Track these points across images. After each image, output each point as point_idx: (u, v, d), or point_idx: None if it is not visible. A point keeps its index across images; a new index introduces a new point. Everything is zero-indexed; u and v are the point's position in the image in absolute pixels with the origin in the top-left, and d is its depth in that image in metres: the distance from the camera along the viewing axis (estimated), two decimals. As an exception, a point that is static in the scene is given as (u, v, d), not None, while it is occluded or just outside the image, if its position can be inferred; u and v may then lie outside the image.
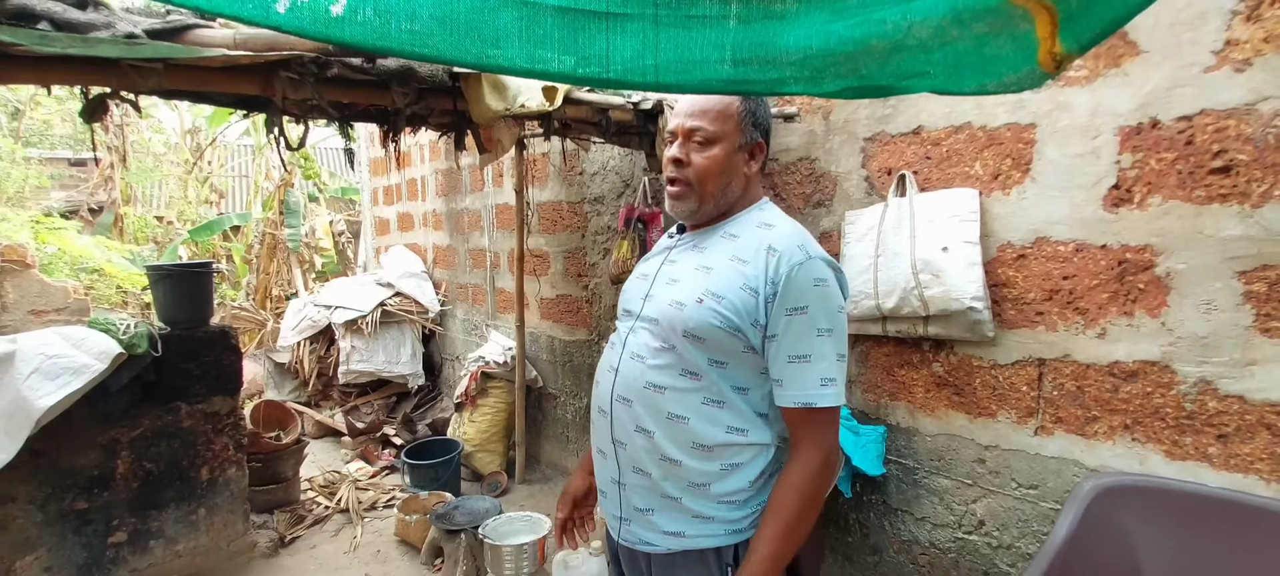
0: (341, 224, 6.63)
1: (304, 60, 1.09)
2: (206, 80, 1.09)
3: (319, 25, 0.75)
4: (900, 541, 1.86)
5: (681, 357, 0.99)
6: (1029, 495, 1.59)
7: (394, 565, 2.57)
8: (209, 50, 0.93)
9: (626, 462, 1.04)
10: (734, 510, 1.01)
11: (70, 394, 1.99)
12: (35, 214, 5.33)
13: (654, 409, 1.00)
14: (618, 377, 1.04)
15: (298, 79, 1.12)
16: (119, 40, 0.82)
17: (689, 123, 1.04)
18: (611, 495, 1.08)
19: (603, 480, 1.10)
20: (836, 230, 1.90)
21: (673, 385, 0.99)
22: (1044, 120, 1.49)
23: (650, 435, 1.00)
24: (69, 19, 0.81)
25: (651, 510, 1.03)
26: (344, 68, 1.17)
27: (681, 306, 0.99)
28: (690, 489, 1.00)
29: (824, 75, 0.89)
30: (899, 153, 1.76)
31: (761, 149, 1.07)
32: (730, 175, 1.04)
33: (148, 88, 1.02)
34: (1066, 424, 1.52)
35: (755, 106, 1.06)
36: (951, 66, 0.91)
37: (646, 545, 1.04)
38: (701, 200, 1.04)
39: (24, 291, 4.24)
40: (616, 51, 0.86)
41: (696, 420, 0.98)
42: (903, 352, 1.79)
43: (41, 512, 2.11)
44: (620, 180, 2.69)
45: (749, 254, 0.98)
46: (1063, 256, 1.49)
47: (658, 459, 1.00)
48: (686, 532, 1.01)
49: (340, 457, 3.68)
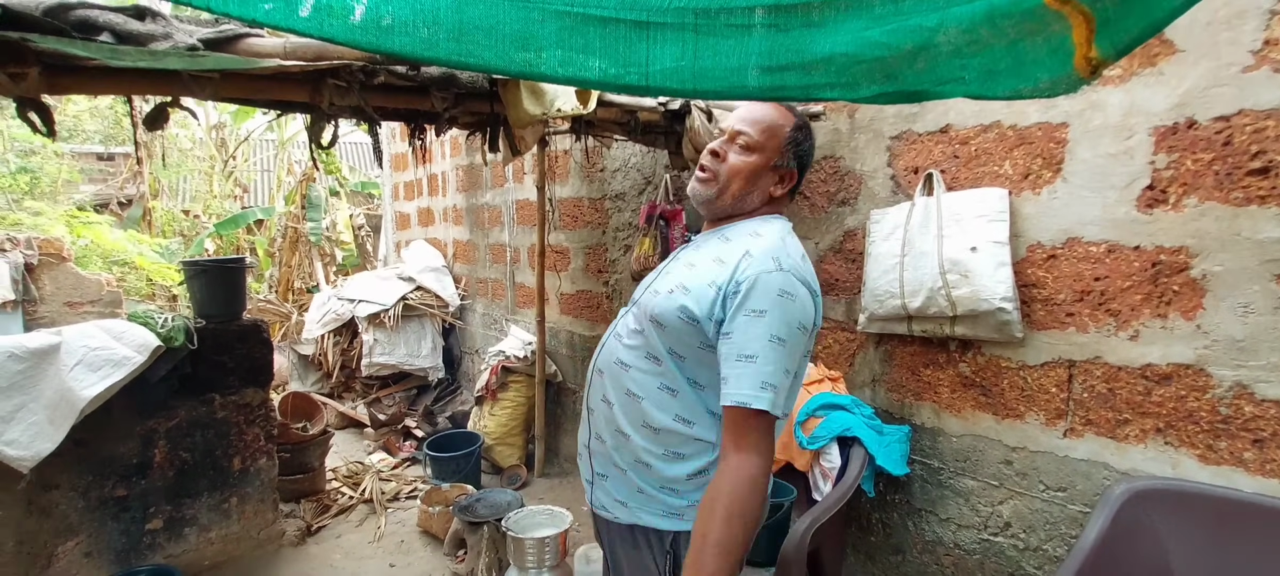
0: (361, 218, 6.73)
1: (352, 68, 1.13)
2: (258, 88, 1.13)
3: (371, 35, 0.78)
4: (924, 541, 1.86)
5: (648, 342, 1.05)
6: (1057, 497, 1.59)
7: (417, 555, 2.63)
8: (264, 61, 0.97)
9: (593, 427, 1.12)
10: (672, 498, 1.05)
11: (112, 385, 2.07)
12: (69, 208, 5.48)
13: (617, 383, 1.07)
14: (601, 351, 1.13)
15: (344, 86, 1.15)
16: (182, 52, 0.85)
17: (739, 126, 1.10)
18: (583, 457, 1.17)
19: (580, 442, 1.18)
20: (861, 228, 1.89)
21: (636, 365, 1.05)
22: (1076, 120, 1.48)
23: (610, 406, 1.08)
24: (130, 30, 0.84)
25: (606, 477, 1.10)
26: (390, 76, 1.20)
27: (656, 294, 1.06)
28: (635, 465, 1.06)
29: (859, 81, 0.90)
30: (926, 151, 1.74)
31: (792, 177, 1.11)
32: (754, 185, 1.08)
33: (205, 96, 1.06)
34: (1097, 426, 1.51)
35: (802, 139, 1.10)
36: (986, 71, 0.91)
37: (603, 509, 1.12)
38: (720, 193, 1.09)
39: (60, 283, 4.37)
40: (656, 59, 0.88)
41: (649, 402, 1.04)
42: (929, 352, 1.79)
43: (83, 499, 2.19)
44: (642, 177, 2.70)
45: (729, 255, 1.02)
46: (1095, 257, 1.47)
47: (613, 430, 1.07)
48: (629, 504, 1.07)
49: (363, 448, 3.76)
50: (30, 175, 5.19)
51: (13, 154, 5.14)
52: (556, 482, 3.26)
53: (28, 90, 0.95)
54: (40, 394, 1.98)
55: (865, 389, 1.96)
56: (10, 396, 1.92)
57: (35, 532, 2.08)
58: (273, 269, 6.10)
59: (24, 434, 1.93)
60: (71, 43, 0.82)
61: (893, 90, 0.91)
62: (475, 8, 0.83)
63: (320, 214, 5.88)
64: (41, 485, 2.07)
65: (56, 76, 0.97)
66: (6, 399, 1.91)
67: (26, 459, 1.91)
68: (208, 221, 6.37)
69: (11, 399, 1.92)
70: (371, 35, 0.79)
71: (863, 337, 1.95)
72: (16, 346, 1.95)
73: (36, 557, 2.09)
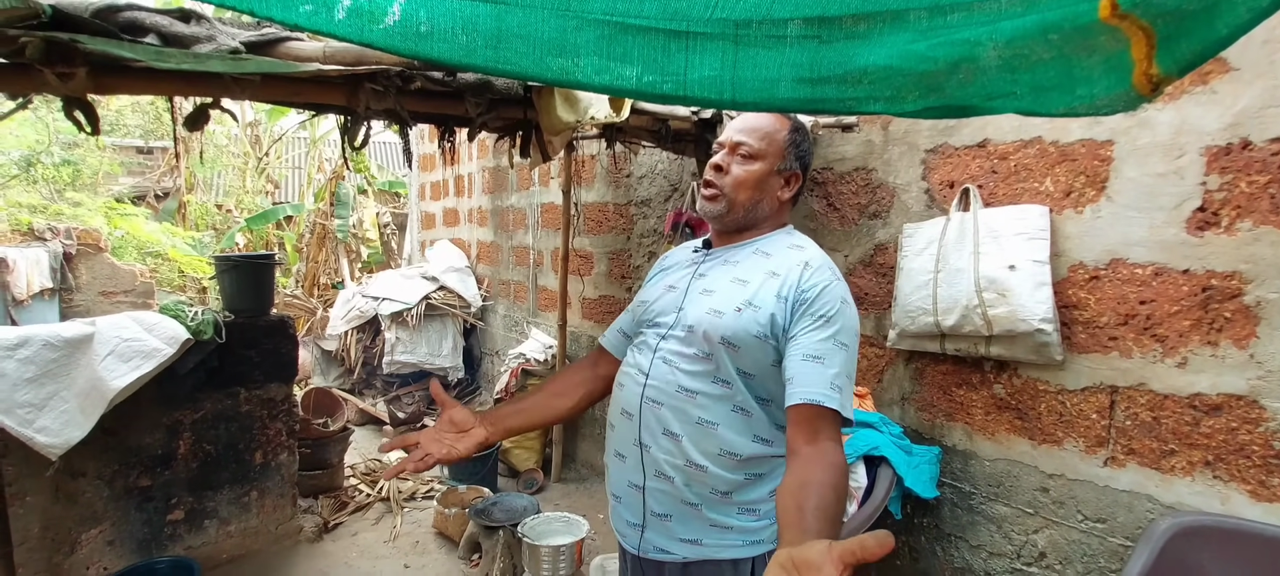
0: (387, 216, 6.83)
1: (389, 73, 1.13)
2: (298, 91, 1.14)
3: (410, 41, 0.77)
4: (953, 568, 1.80)
5: (717, 365, 1.00)
6: (1096, 528, 1.52)
7: (432, 557, 2.63)
8: (304, 65, 0.98)
9: (650, 465, 1.04)
10: (752, 520, 1.01)
11: (142, 376, 2.11)
12: (108, 199, 5.65)
13: (683, 414, 1.01)
14: (648, 380, 1.05)
15: (381, 90, 1.16)
16: (225, 56, 0.86)
17: (737, 137, 1.09)
18: (628, 499, 1.08)
19: (619, 485, 1.11)
20: (893, 242, 1.85)
21: (705, 391, 1.01)
22: (1123, 137, 1.42)
23: (678, 438, 1.01)
24: (175, 32, 0.86)
25: (670, 516, 1.03)
26: (426, 81, 1.21)
27: (720, 315, 1.01)
28: (712, 496, 1.01)
29: (905, 95, 0.87)
30: (963, 166, 1.70)
31: (797, 179, 1.11)
32: (763, 192, 1.08)
33: (245, 97, 1.07)
34: (1140, 456, 1.44)
35: (800, 139, 1.10)
36: (1039, 87, 0.87)
37: (663, 553, 1.05)
38: (731, 207, 1.08)
39: (96, 273, 4.51)
40: (694, 68, 0.86)
41: (725, 427, 1.00)
42: (961, 372, 1.73)
43: (108, 488, 2.23)
44: (668, 183, 2.69)
45: (782, 269, 1.02)
46: (1140, 280, 1.41)
47: (683, 463, 1.01)
48: (704, 541, 1.02)
49: (381, 446, 3.79)
50: (73, 167, 5.36)
51: (57, 145, 5.32)
52: (573, 488, 3.25)
53: (75, 90, 0.97)
54: (72, 382, 2.02)
55: (893, 407, 1.91)
56: (44, 384, 1.97)
57: (61, 519, 2.13)
58: (300, 264, 6.22)
59: (55, 421, 1.97)
60: (119, 44, 0.83)
61: (938, 105, 0.88)
62: (514, 15, 0.83)
63: (348, 211, 5.98)
64: (69, 472, 2.12)
65: (103, 77, 1.00)
66: (40, 386, 1.96)
67: (56, 446, 1.95)
68: (239, 216, 6.52)
69: (45, 387, 1.97)
70: (410, 41, 0.79)
71: (892, 354, 1.90)
72: (52, 335, 1.99)
73: (61, 543, 2.14)
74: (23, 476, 2.03)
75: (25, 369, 1.93)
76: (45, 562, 2.10)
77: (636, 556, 1.10)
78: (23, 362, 1.92)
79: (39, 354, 1.96)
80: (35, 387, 1.95)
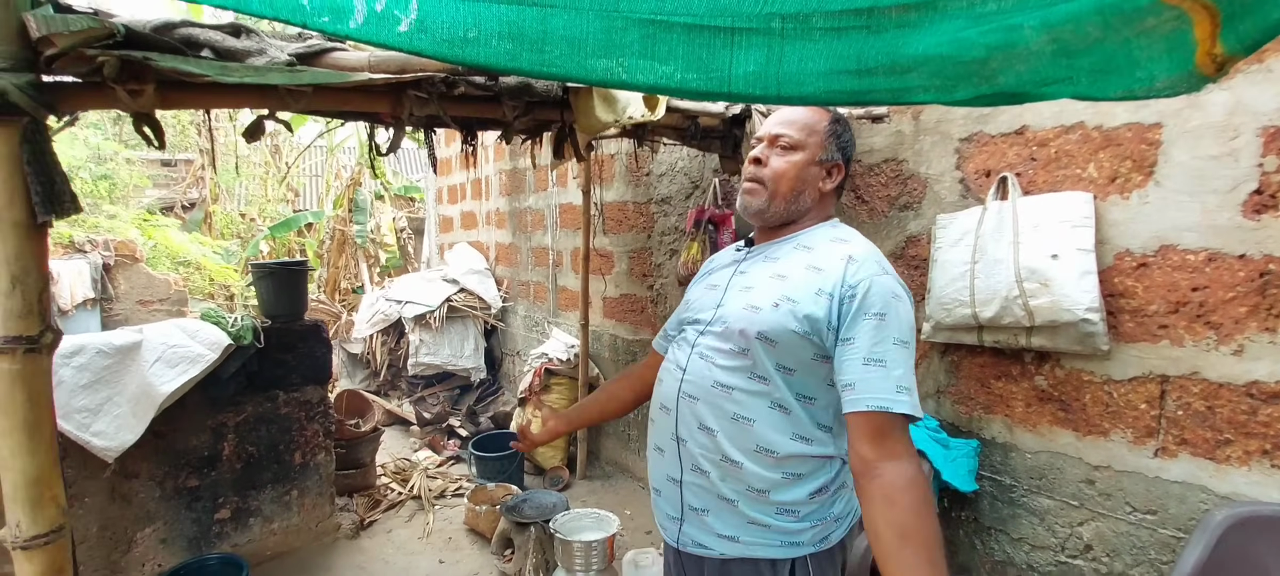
0: (403, 221, 6.91)
1: (434, 80, 1.15)
2: (346, 100, 1.17)
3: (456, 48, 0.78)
4: (993, 561, 1.78)
5: (753, 361, 0.99)
6: (1146, 520, 1.49)
7: (465, 553, 2.67)
8: (355, 75, 1.00)
9: (687, 460, 1.05)
10: (791, 521, 1.00)
11: (188, 380, 2.17)
12: (139, 211, 5.81)
13: (718, 409, 1.01)
14: (685, 375, 1.06)
15: (424, 97, 1.18)
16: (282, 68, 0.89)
17: (776, 129, 1.08)
18: (667, 493, 1.09)
19: (658, 478, 1.12)
20: (925, 234, 1.82)
21: (741, 386, 1.00)
22: (1171, 120, 1.38)
23: (712, 434, 1.01)
24: (228, 47, 0.88)
25: (707, 511, 1.03)
26: (469, 86, 1.22)
27: (757, 310, 1.00)
28: (748, 493, 1.00)
29: (956, 84, 0.86)
30: (1000, 154, 1.66)
31: (840, 171, 1.09)
32: (804, 184, 1.06)
33: (298, 108, 1.10)
34: (1192, 446, 1.41)
35: (842, 130, 1.08)
36: (1096, 71, 0.85)
37: (701, 548, 1.05)
38: (772, 199, 1.06)
39: (133, 283, 4.65)
40: (739, 64, 0.85)
41: (762, 423, 0.99)
42: (1001, 364, 1.70)
43: (159, 488, 2.30)
44: (689, 181, 2.68)
45: (825, 264, 0.99)
46: (1192, 266, 1.38)
47: (718, 459, 1.01)
48: (741, 538, 1.01)
49: (409, 446, 3.85)
50: (109, 181, 5.52)
51: (92, 161, 5.48)
52: (598, 486, 3.27)
53: (144, 106, 1.01)
54: (124, 388, 2.09)
55: (929, 401, 1.89)
56: (98, 390, 2.04)
57: (117, 519, 2.21)
58: (321, 270, 6.33)
59: (109, 425, 2.05)
60: (186, 60, 0.86)
61: (990, 92, 0.86)
62: (558, 18, 0.83)
63: (366, 217, 6.07)
64: (123, 474, 2.19)
65: (169, 92, 1.03)
66: (95, 392, 2.03)
67: (112, 449, 2.02)
68: (262, 224, 6.65)
69: (99, 392, 2.04)
70: (457, 47, 0.80)
71: (927, 347, 1.88)
72: (104, 343, 2.06)
73: (118, 542, 2.21)
74: (81, 478, 2.10)
75: (80, 376, 2.00)
76: (104, 560, 2.17)
77: (677, 550, 1.11)
78: (78, 370, 1.99)
79: (92, 361, 2.03)
80: (90, 393, 2.03)
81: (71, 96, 1.02)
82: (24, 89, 0.88)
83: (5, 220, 0.94)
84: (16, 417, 1.00)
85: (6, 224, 0.94)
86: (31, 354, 0.99)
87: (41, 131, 0.94)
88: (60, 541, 1.09)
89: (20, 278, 0.96)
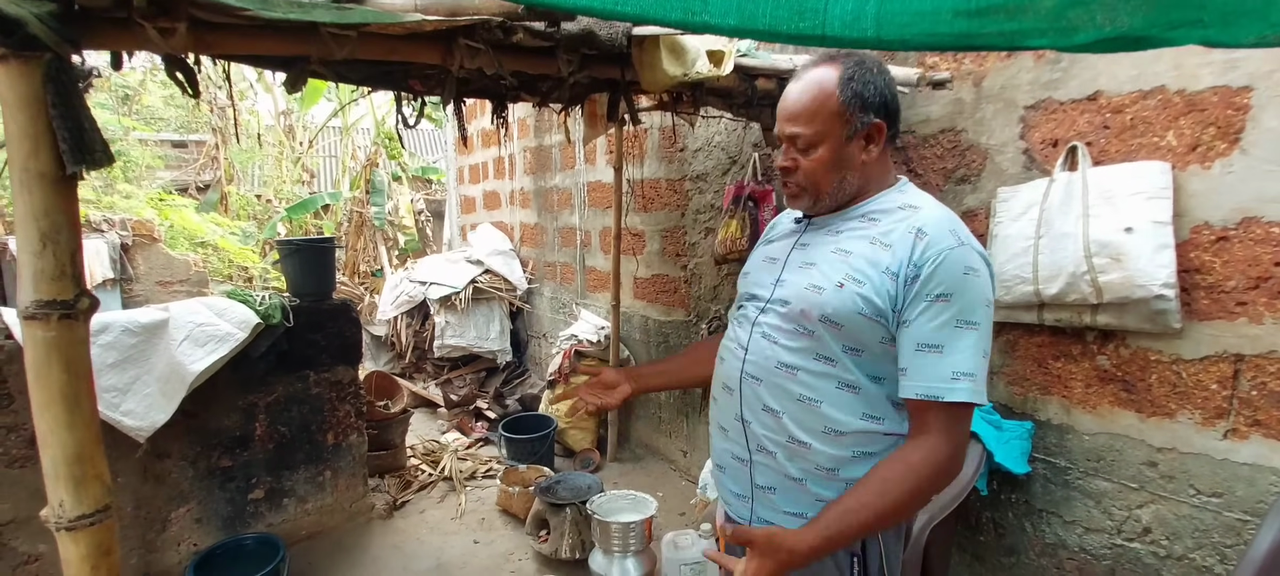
0: (421, 203, 6.87)
1: (490, 24, 1.08)
2: (393, 49, 1.10)
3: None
4: (1044, 543, 1.74)
5: (818, 342, 0.96)
6: (1211, 503, 1.44)
7: (499, 533, 2.66)
8: (405, 16, 0.95)
9: (753, 441, 1.03)
10: None
11: (218, 360, 2.15)
12: (153, 191, 5.80)
13: (782, 390, 0.99)
14: (747, 355, 1.03)
15: (477, 47, 1.11)
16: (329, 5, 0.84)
17: (788, 129, 0.99)
18: (733, 471, 1.08)
19: (723, 457, 1.10)
20: (984, 208, 1.76)
21: (806, 367, 0.97)
22: (1263, 82, 1.31)
23: (778, 415, 0.99)
24: (266, -18, 0.84)
25: (774, 489, 1.02)
26: (526, 33, 1.15)
27: (820, 290, 0.96)
28: (816, 472, 0.98)
29: (1077, 27, 0.79)
30: (1069, 121, 1.60)
31: (880, 130, 0.97)
32: (843, 169, 0.98)
33: (343, 54, 1.03)
34: (1266, 427, 1.35)
35: (860, 88, 0.96)
36: (1229, 13, 0.78)
37: (770, 526, 1.02)
38: (817, 197, 1.01)
39: (152, 263, 4.63)
40: (836, 4, 0.79)
41: (829, 404, 0.96)
42: (1060, 343, 1.65)
43: (192, 468, 2.30)
44: (727, 156, 2.62)
45: (892, 238, 0.93)
46: (1277, 239, 1.31)
47: (784, 440, 0.99)
48: (809, 516, 0.98)
49: (437, 428, 3.85)
50: (123, 158, 5.49)
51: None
52: (629, 468, 3.25)
53: (176, 47, 0.95)
54: (153, 367, 2.07)
55: (980, 380, 1.84)
56: (125, 369, 2.02)
57: (150, 498, 2.20)
58: (340, 252, 6.32)
59: (139, 405, 2.03)
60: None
61: (1113, 35, 0.79)
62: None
63: (384, 199, 6.03)
64: (155, 454, 2.18)
65: (202, 33, 0.98)
66: (123, 371, 2.01)
67: (143, 429, 2.01)
68: (279, 205, 6.63)
69: (127, 371, 2.02)
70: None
71: (979, 326, 1.82)
72: (130, 321, 2.04)
73: (153, 521, 2.21)
74: (114, 458, 2.08)
75: (108, 354, 1.98)
76: (139, 539, 2.18)
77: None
78: (105, 348, 1.97)
79: (119, 339, 2.01)
80: (118, 372, 2.01)
81: (97, 33, 0.94)
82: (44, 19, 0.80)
83: (31, 171, 0.85)
84: (54, 390, 0.93)
85: (32, 175, 0.85)
86: (67, 320, 0.91)
87: (67, 71, 0.86)
88: (107, 521, 1.04)
89: (50, 235, 0.88)
